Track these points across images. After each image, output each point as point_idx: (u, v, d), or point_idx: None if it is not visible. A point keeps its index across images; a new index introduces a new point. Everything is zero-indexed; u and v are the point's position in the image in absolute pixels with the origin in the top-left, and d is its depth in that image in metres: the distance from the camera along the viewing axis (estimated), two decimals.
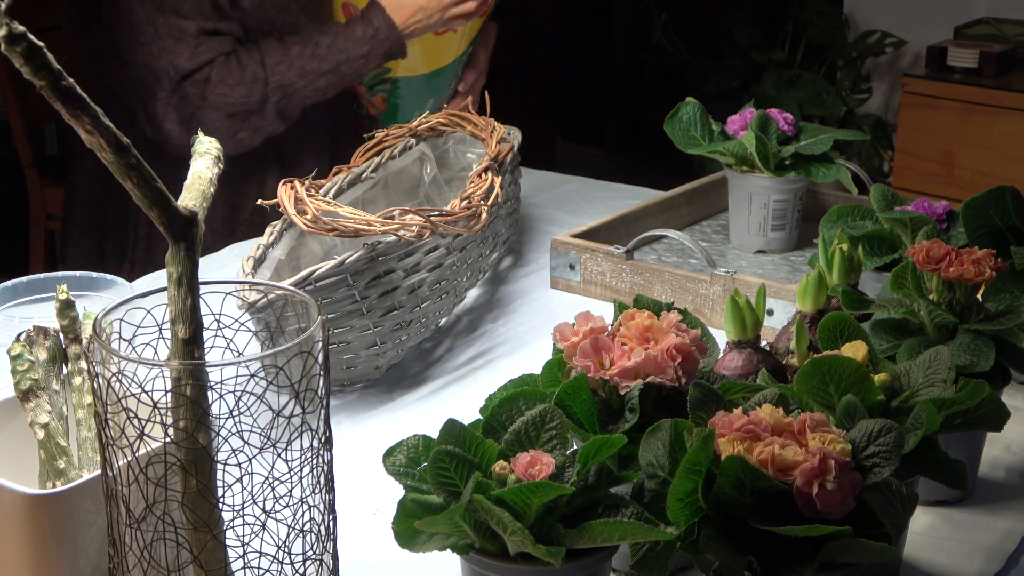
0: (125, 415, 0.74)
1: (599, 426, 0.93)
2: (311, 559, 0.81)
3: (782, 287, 1.37)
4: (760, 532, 0.80)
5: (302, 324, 0.82)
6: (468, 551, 0.84)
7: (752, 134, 1.56)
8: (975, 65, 2.95)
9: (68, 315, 0.97)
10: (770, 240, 1.63)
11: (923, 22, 3.45)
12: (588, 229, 1.58)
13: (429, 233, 1.25)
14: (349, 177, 1.51)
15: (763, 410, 0.84)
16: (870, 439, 0.85)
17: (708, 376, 0.97)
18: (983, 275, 1.07)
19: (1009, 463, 1.15)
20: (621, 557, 0.92)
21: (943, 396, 0.94)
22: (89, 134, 0.68)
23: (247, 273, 1.28)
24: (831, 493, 0.78)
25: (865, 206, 1.41)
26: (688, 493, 0.81)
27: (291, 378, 0.75)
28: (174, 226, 0.73)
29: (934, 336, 1.09)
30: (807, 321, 1.11)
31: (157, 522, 0.76)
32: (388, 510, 0.92)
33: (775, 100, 3.60)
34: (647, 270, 1.47)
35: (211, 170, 0.81)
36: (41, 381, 0.93)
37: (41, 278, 1.27)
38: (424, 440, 0.89)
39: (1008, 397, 1.15)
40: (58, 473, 0.90)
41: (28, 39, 0.63)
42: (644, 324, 0.95)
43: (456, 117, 1.69)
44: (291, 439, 0.77)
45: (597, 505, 0.85)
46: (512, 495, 0.80)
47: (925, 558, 1.01)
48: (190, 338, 0.73)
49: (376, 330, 1.26)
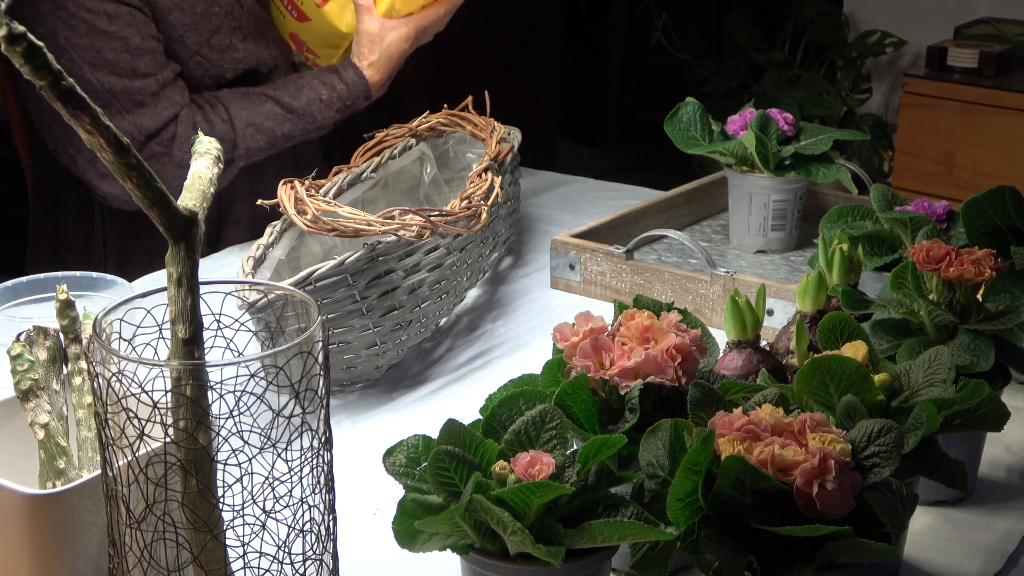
0: (125, 415, 0.74)
1: (599, 426, 0.93)
2: (311, 559, 0.81)
3: (782, 287, 1.37)
4: (760, 532, 0.80)
5: (302, 324, 0.82)
6: (468, 551, 0.84)
7: (752, 134, 1.56)
8: (975, 65, 2.95)
9: (68, 315, 0.97)
10: (770, 240, 1.63)
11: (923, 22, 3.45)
12: (588, 229, 1.58)
13: (429, 233, 1.25)
14: (349, 177, 1.51)
15: (763, 410, 0.84)
16: (870, 439, 0.85)
17: (708, 376, 0.97)
18: (983, 275, 1.07)
19: (1009, 463, 1.15)
20: (621, 557, 0.92)
21: (943, 396, 0.94)
22: (89, 134, 0.68)
23: (247, 273, 1.28)
24: (831, 493, 0.78)
25: (865, 206, 1.41)
26: (688, 493, 0.81)
27: (291, 378, 0.75)
28: (174, 226, 0.73)
29: (934, 336, 1.09)
30: (807, 321, 1.11)
31: (157, 522, 0.76)
32: (388, 510, 0.92)
33: (775, 100, 3.59)
34: (647, 270, 1.47)
35: (211, 170, 0.81)
36: (41, 381, 0.93)
37: (41, 278, 1.27)
38: (424, 440, 0.89)
39: (1008, 397, 1.15)
40: (58, 473, 0.90)
41: (28, 39, 0.63)
42: (644, 324, 0.95)
43: (456, 117, 1.69)
44: (291, 439, 0.77)
45: (597, 505, 0.85)
46: (512, 495, 0.80)
47: (925, 558, 1.01)
48: (190, 338, 0.73)
49: (376, 330, 1.26)
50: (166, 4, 1.61)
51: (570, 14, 4.81)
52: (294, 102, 1.66)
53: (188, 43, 1.63)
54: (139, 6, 1.59)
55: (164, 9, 1.61)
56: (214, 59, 1.65)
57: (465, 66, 3.81)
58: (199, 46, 1.64)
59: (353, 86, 1.69)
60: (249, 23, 1.70)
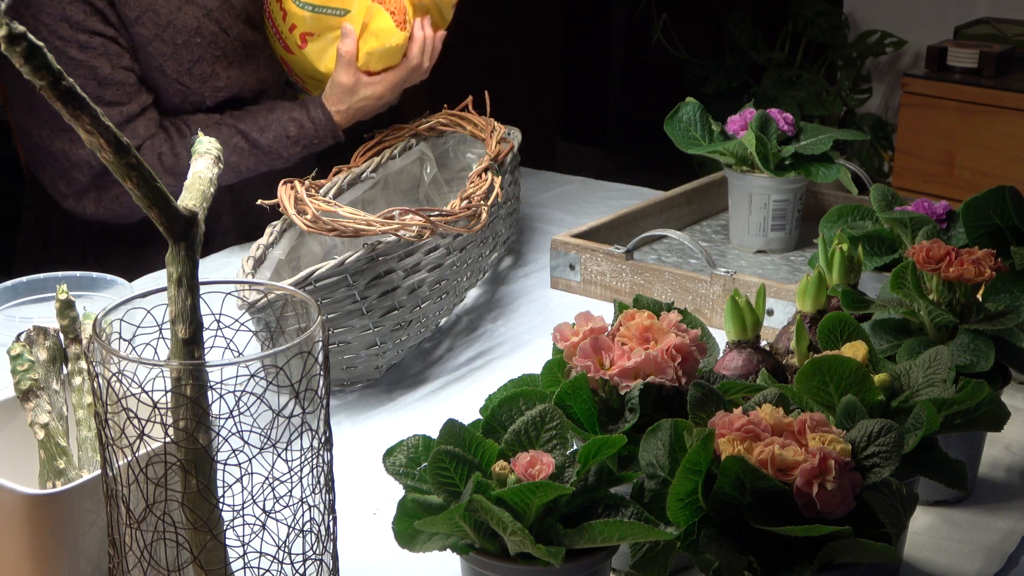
0: (125, 415, 0.74)
1: (599, 426, 0.93)
2: (311, 559, 0.81)
3: (782, 287, 1.37)
4: (760, 532, 0.80)
5: (302, 324, 0.82)
6: (468, 551, 0.84)
7: (752, 134, 1.56)
8: (975, 65, 2.95)
9: (68, 315, 0.97)
10: (770, 240, 1.63)
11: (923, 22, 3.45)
12: (588, 229, 1.58)
13: (429, 233, 1.25)
14: (349, 177, 1.51)
15: (763, 410, 0.84)
16: (870, 439, 0.85)
17: (708, 376, 0.97)
18: (983, 275, 1.07)
19: (1009, 463, 1.15)
20: (621, 557, 0.92)
21: (943, 396, 0.94)
22: (89, 134, 0.68)
23: (247, 273, 1.28)
24: (831, 493, 0.78)
25: (865, 206, 1.41)
26: (688, 493, 0.81)
27: (291, 378, 0.75)
28: (174, 226, 0.73)
29: (934, 336, 1.09)
30: (807, 321, 1.11)
31: (157, 522, 0.76)
32: (388, 510, 0.92)
33: (775, 100, 3.59)
34: (647, 270, 1.47)
35: (211, 170, 0.81)
36: (41, 381, 0.93)
37: (41, 278, 1.27)
38: (424, 440, 0.89)
39: (1008, 397, 1.15)
40: (58, 473, 0.90)
41: (28, 39, 0.63)
42: (644, 324, 0.95)
43: (456, 117, 1.69)
44: (291, 439, 0.77)
45: (597, 505, 0.85)
46: (512, 495, 0.80)
47: (925, 558, 1.01)
48: (190, 338, 0.73)
49: (376, 330, 1.26)
50: (145, 35, 1.58)
51: (570, 14, 4.81)
52: (261, 138, 1.63)
53: (168, 72, 1.61)
54: (114, 36, 1.56)
55: (143, 40, 1.58)
56: (194, 87, 1.63)
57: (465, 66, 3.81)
58: (179, 75, 1.62)
59: (322, 126, 1.66)
60: (235, 50, 1.66)
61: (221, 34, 1.65)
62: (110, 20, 1.56)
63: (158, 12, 1.58)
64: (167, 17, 1.59)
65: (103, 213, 1.63)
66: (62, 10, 1.52)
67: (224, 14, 1.64)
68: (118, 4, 1.56)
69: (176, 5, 1.60)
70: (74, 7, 1.53)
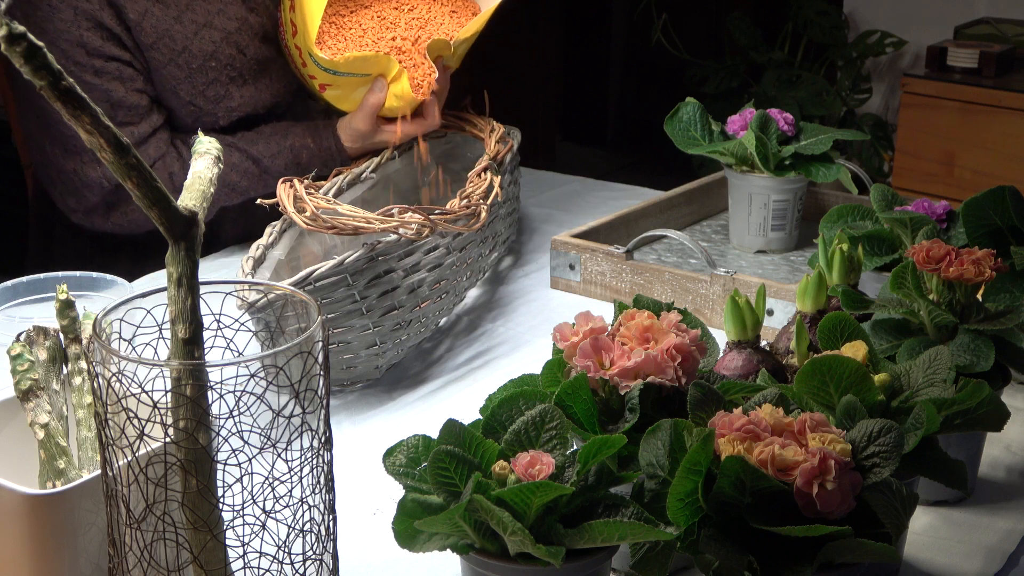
0: (125, 415, 0.74)
1: (599, 426, 0.93)
2: (311, 559, 0.81)
3: (782, 287, 1.37)
4: (760, 532, 0.80)
5: (302, 324, 0.82)
6: (468, 551, 0.84)
7: (752, 134, 1.56)
8: (975, 65, 2.95)
9: (68, 315, 0.97)
10: (770, 240, 1.63)
11: (923, 22, 3.45)
12: (588, 229, 1.58)
13: (429, 231, 1.25)
14: (349, 177, 1.51)
15: (763, 410, 0.84)
16: (870, 439, 0.85)
17: (708, 376, 0.97)
18: (983, 275, 1.07)
19: (1009, 463, 1.15)
20: (621, 557, 0.92)
21: (943, 396, 0.94)
22: (89, 134, 0.68)
23: (247, 273, 1.28)
24: (831, 493, 0.78)
25: (865, 206, 1.41)
26: (688, 493, 0.81)
27: (291, 378, 0.75)
28: (174, 226, 0.73)
29: (934, 336, 1.09)
30: (807, 321, 1.11)
31: (157, 522, 0.76)
32: (388, 510, 0.92)
33: (775, 100, 3.60)
34: (647, 270, 1.47)
35: (211, 170, 0.81)
36: (41, 381, 0.93)
37: (41, 278, 1.27)
38: (424, 440, 0.89)
39: (1008, 397, 1.15)
40: (58, 473, 0.90)
41: (28, 39, 0.63)
42: (644, 324, 0.95)
43: (456, 117, 1.69)
44: (291, 439, 0.77)
45: (597, 505, 0.85)
46: (512, 495, 0.80)
47: (925, 558, 1.01)
48: (190, 338, 0.73)
49: (376, 330, 1.26)
50: (159, 59, 1.58)
51: (570, 14, 4.81)
52: (272, 165, 1.63)
53: (181, 94, 1.61)
54: (129, 60, 1.57)
55: (158, 64, 1.59)
56: (207, 108, 1.63)
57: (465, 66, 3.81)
58: (193, 97, 1.62)
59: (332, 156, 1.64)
60: (251, 68, 1.66)
61: (238, 56, 1.64)
62: (126, 44, 1.56)
63: (174, 39, 1.58)
64: (183, 43, 1.59)
65: (111, 228, 1.65)
66: (79, 36, 1.53)
67: (243, 35, 1.64)
68: (134, 30, 1.56)
69: (192, 30, 1.60)
70: (92, 33, 1.53)
